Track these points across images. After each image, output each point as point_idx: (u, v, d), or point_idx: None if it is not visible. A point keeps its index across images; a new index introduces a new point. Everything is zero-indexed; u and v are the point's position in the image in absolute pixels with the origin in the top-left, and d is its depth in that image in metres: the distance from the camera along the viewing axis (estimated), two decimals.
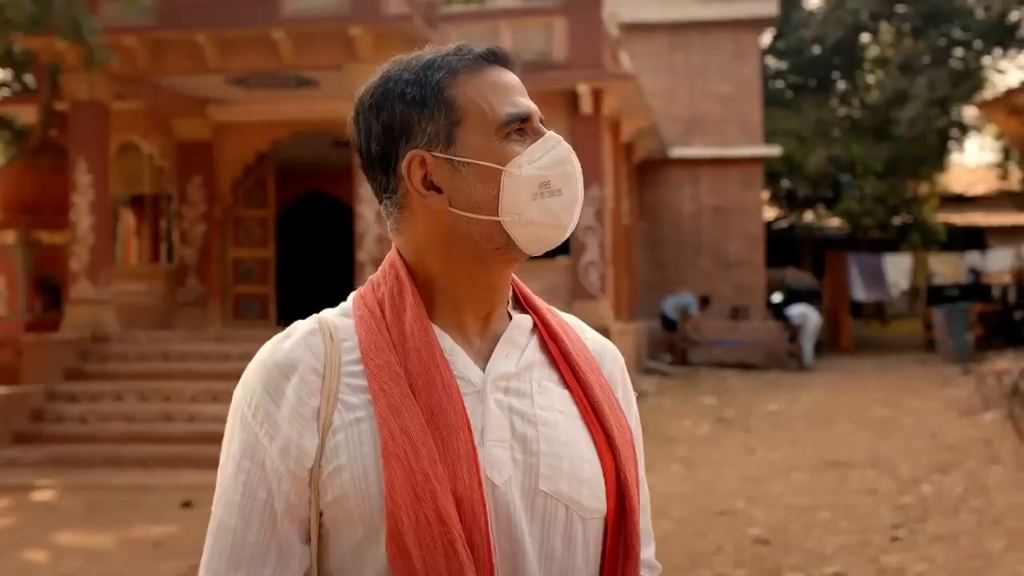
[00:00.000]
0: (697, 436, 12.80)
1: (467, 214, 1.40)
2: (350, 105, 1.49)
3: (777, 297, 24.61)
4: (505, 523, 1.37)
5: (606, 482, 1.45)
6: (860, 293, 25.77)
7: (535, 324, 1.52)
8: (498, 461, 1.38)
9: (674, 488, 9.68)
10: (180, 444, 11.45)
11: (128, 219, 19.39)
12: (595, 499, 1.43)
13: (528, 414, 1.42)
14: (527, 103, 1.46)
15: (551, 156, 1.43)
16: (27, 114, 17.18)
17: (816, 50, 29.85)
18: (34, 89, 17.66)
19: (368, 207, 13.41)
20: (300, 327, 1.46)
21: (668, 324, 21.52)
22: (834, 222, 29.46)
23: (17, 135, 20.25)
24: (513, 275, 1.55)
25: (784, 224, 30.39)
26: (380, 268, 1.51)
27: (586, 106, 15.63)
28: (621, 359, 1.63)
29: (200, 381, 12.52)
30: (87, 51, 11.58)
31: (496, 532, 1.36)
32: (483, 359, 1.45)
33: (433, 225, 1.43)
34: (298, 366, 1.40)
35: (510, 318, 1.50)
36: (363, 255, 13.41)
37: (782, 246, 28.26)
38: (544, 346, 1.50)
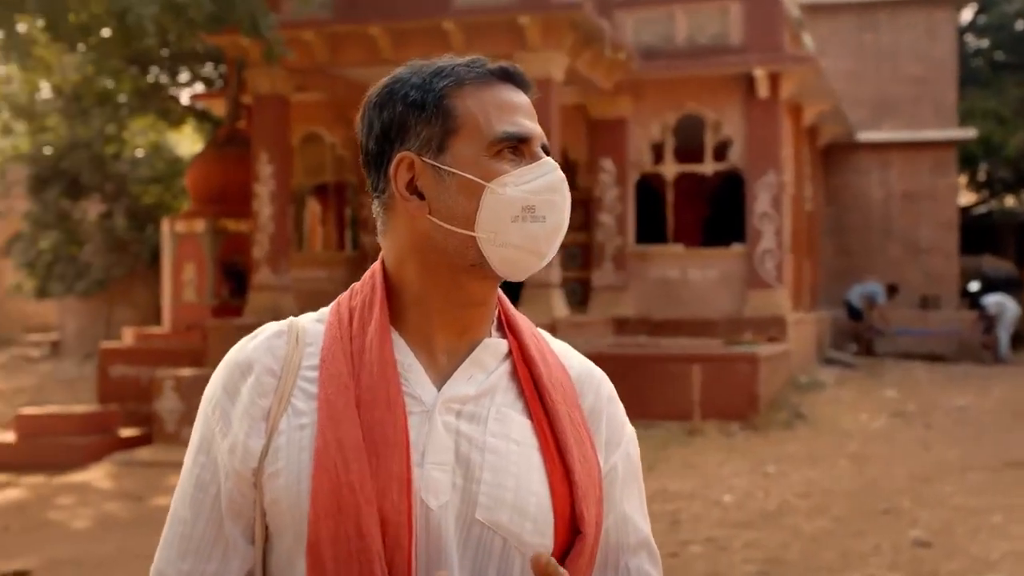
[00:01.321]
0: (871, 430, 12.38)
1: (444, 224, 1.39)
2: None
3: (974, 286, 23.53)
4: (435, 548, 1.33)
5: (557, 518, 1.39)
6: None
7: (511, 349, 1.47)
8: (435, 484, 1.35)
9: (838, 485, 9.39)
10: None
11: (314, 207, 20.04)
12: (539, 535, 1.38)
13: (477, 440, 1.38)
14: (529, 125, 1.43)
15: (542, 181, 1.40)
16: (221, 107, 17.93)
17: (1020, 26, 28.36)
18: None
19: None
20: (269, 328, 1.48)
21: (853, 313, 20.86)
22: None
23: (215, 127, 21.19)
24: (503, 296, 1.51)
25: (982, 210, 29.03)
26: (364, 275, 1.50)
27: (763, 90, 15.27)
28: (608, 388, 1.57)
29: None
30: (266, 46, 11.98)
31: (424, 556, 1.33)
32: (444, 378, 1.41)
33: (412, 231, 1.42)
34: (255, 366, 1.42)
35: None
36: None
37: (979, 233, 26.95)
38: (516, 373, 1.46)
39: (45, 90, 21.88)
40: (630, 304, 15.74)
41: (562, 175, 1.43)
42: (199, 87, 22.22)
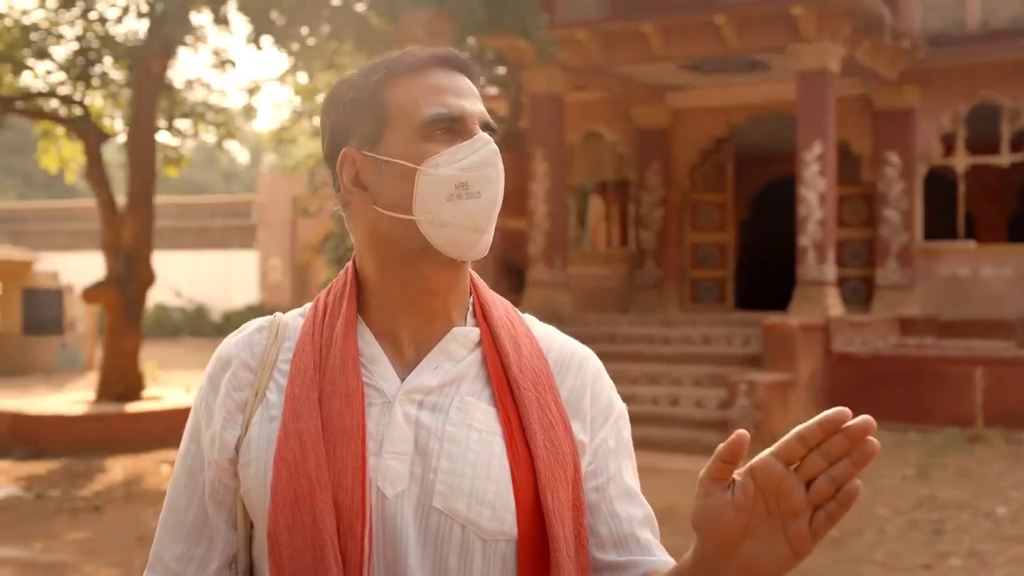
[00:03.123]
0: None
1: (387, 212, 1.42)
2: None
3: None
4: (391, 535, 1.36)
5: (519, 504, 1.39)
6: None
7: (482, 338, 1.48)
8: (392, 473, 1.38)
9: None
10: None
11: (598, 205, 20.28)
12: (498, 521, 1.38)
13: (436, 429, 1.40)
14: (459, 103, 1.43)
15: (475, 157, 1.40)
16: (505, 109, 18.43)
17: None
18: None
19: (810, 190, 13.08)
20: (253, 324, 1.53)
21: None
22: None
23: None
24: (479, 283, 1.53)
25: None
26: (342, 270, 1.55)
27: None
28: (593, 365, 1.54)
29: (641, 363, 12.85)
30: (538, 47, 12.24)
31: (381, 543, 1.36)
32: (411, 369, 1.44)
33: (365, 224, 1.45)
34: (233, 361, 1.48)
35: None
36: (805, 240, 13.09)
37: None
38: (486, 361, 1.47)
39: None
40: (916, 303, 15.03)
41: (495, 148, 1.42)
42: (493, 90, 22.88)
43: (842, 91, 14.16)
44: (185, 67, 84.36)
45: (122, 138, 15.09)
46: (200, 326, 32.62)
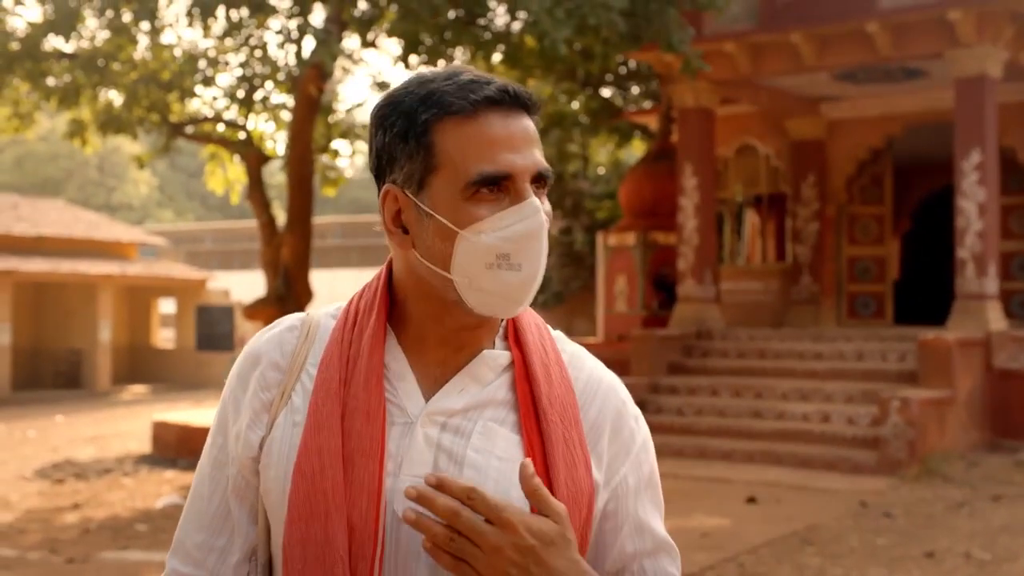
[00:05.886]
0: None
1: (425, 262, 1.40)
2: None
3: None
4: (404, 558, 1.36)
5: None
6: None
7: (513, 361, 1.46)
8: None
9: None
10: (764, 440, 11.65)
11: (753, 219, 19.97)
12: None
13: (457, 454, 1.39)
14: (510, 160, 1.36)
15: (520, 227, 1.36)
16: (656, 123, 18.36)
17: None
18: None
19: (969, 200, 12.62)
20: (285, 321, 1.51)
21: None
22: None
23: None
24: None
25: None
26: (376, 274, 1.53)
27: None
28: (617, 397, 1.51)
29: (792, 379, 12.61)
30: (683, 60, 12.16)
31: (393, 565, 1.36)
32: (437, 389, 1.43)
33: (403, 259, 1.44)
34: (262, 359, 1.47)
35: None
36: (963, 252, 12.63)
37: None
38: (515, 386, 1.45)
39: None
40: None
41: (543, 219, 1.37)
42: (648, 104, 22.85)
43: (1007, 97, 13.63)
44: (348, 89, 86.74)
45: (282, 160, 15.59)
46: None
